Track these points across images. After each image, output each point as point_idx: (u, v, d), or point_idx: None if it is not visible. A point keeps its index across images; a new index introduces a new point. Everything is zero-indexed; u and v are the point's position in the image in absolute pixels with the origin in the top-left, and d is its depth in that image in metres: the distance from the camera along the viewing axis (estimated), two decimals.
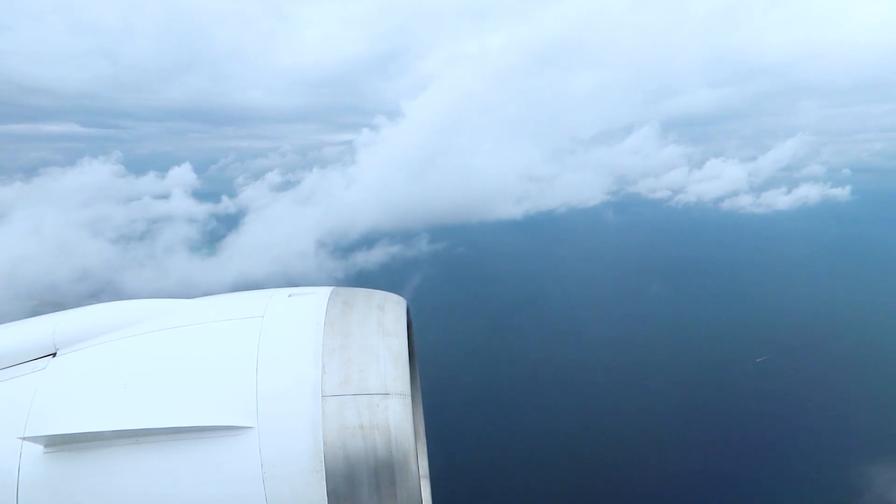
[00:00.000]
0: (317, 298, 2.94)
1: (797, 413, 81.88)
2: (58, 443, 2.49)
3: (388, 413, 2.50)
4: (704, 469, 70.15)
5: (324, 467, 2.42)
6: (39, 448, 2.49)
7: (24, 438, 2.50)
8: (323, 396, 2.51)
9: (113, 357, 2.76)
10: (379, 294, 3.07)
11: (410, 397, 2.59)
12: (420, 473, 2.80)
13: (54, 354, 2.83)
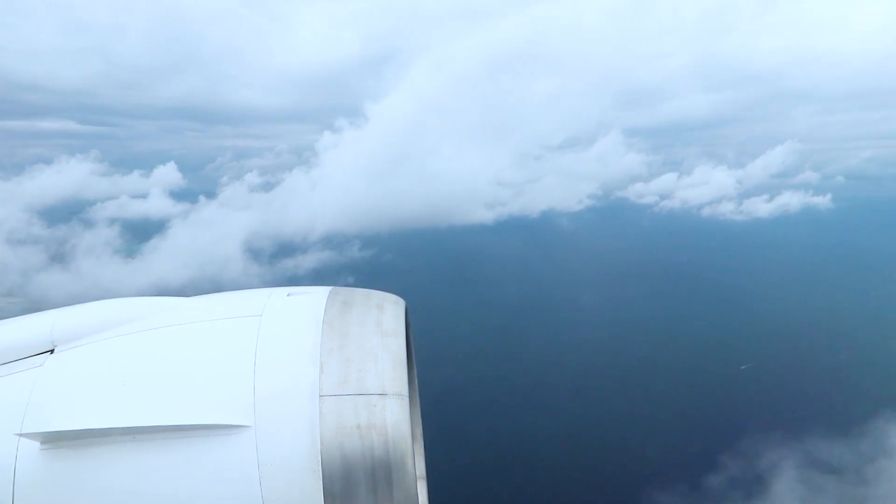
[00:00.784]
0: (315, 298, 2.93)
1: (781, 418, 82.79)
2: (55, 440, 2.48)
3: (386, 413, 2.49)
4: (694, 471, 70.87)
5: (321, 467, 2.42)
6: (36, 445, 2.49)
7: (21, 435, 2.49)
8: (321, 396, 2.50)
9: (111, 354, 2.75)
10: (378, 294, 3.07)
11: (408, 398, 2.59)
12: (417, 474, 2.82)
13: (52, 351, 2.82)
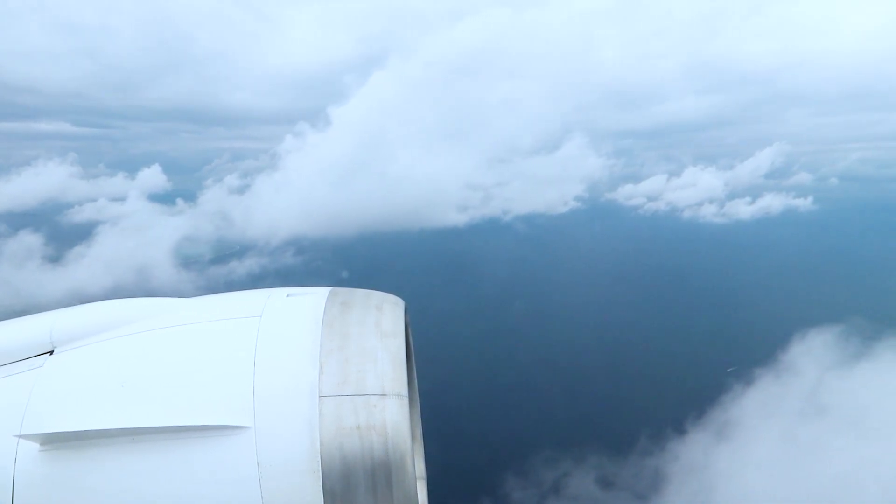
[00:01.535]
0: (315, 299, 2.93)
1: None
2: (54, 441, 2.48)
3: (386, 414, 2.49)
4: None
5: (320, 467, 2.42)
6: (36, 446, 2.48)
7: (21, 436, 2.49)
8: (320, 397, 2.50)
9: (110, 355, 2.75)
10: (377, 295, 3.07)
11: (408, 398, 2.59)
12: (417, 475, 2.85)
13: (51, 352, 2.82)
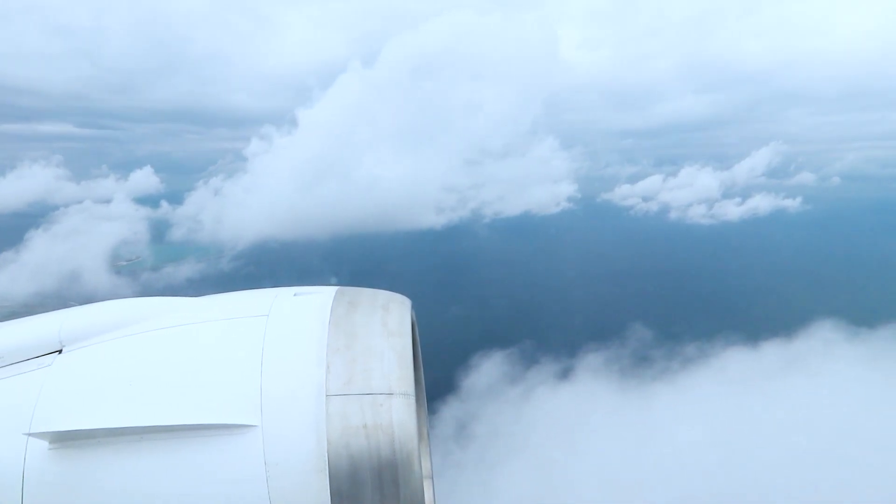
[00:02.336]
0: (322, 298, 2.94)
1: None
2: (63, 439, 2.49)
3: (392, 413, 2.50)
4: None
5: (327, 466, 2.42)
6: (44, 444, 2.49)
7: (30, 435, 2.50)
8: (327, 396, 2.51)
9: (119, 354, 2.76)
10: (384, 294, 3.07)
11: (415, 397, 2.59)
12: (424, 474, 2.83)
13: (60, 351, 2.83)
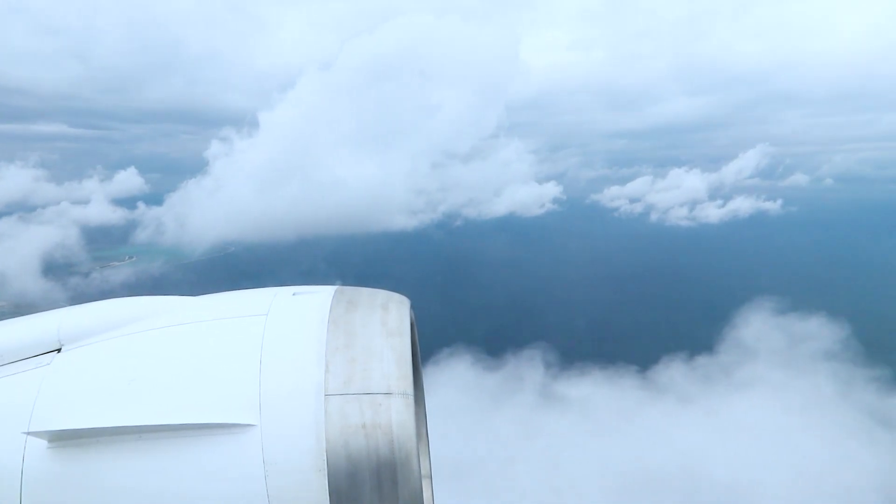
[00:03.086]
0: (321, 297, 2.93)
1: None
2: (62, 438, 2.49)
3: (391, 413, 2.50)
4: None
5: (326, 466, 2.42)
6: (43, 443, 2.50)
7: (29, 433, 2.50)
8: (326, 395, 2.51)
9: (118, 353, 2.76)
10: (382, 293, 3.07)
11: (413, 397, 2.59)
12: (423, 473, 2.83)
13: (59, 350, 2.82)
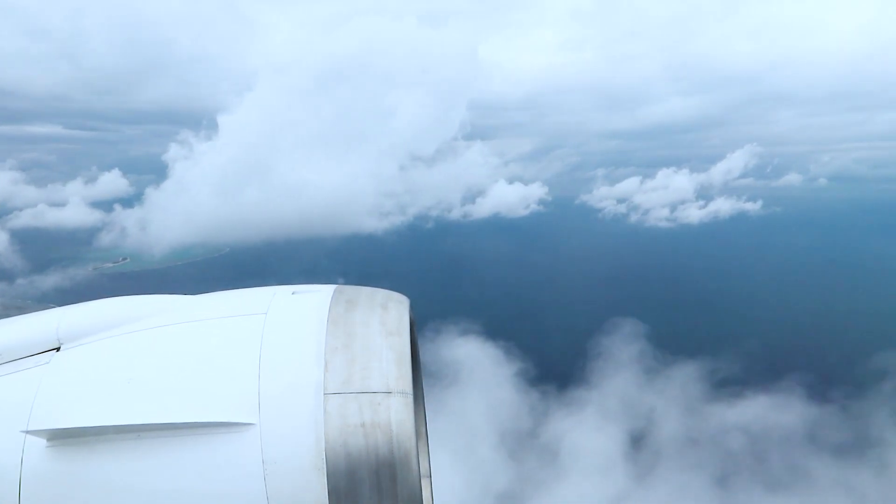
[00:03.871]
0: (320, 296, 2.93)
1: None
2: (61, 437, 2.49)
3: (390, 412, 2.50)
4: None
5: (325, 465, 2.42)
6: (42, 442, 2.49)
7: (28, 432, 2.50)
8: (325, 394, 2.51)
9: (117, 352, 2.76)
10: (382, 293, 3.07)
11: (414, 396, 2.60)
12: (422, 473, 2.85)
13: (58, 349, 2.82)
